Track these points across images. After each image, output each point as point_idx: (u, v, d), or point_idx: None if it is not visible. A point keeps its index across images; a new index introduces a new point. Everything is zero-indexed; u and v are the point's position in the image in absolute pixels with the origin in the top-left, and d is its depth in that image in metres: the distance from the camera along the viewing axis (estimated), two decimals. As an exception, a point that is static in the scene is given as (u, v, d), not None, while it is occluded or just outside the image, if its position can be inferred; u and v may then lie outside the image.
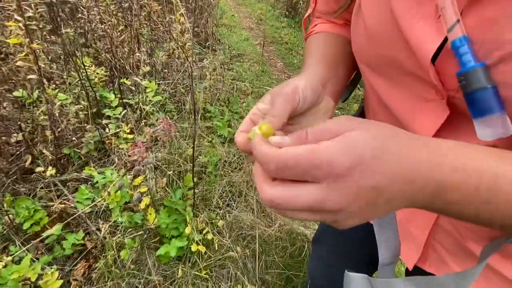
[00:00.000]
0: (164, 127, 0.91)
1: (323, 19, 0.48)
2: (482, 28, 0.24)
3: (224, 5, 5.91)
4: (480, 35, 0.24)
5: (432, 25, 0.26)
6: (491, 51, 0.23)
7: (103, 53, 1.60)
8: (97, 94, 1.44)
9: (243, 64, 3.30)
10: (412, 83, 0.31)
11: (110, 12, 1.53)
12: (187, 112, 1.55)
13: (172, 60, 1.83)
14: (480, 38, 0.24)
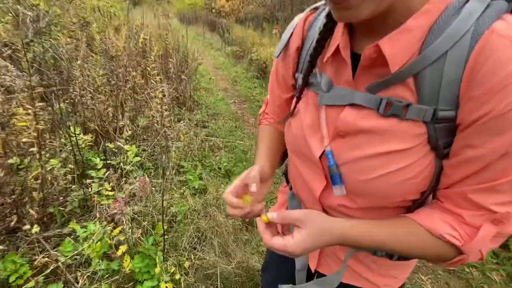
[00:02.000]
0: (140, 185, 1.15)
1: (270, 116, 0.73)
2: (336, 147, 0.49)
3: (203, 70, 6.65)
4: (335, 149, 0.49)
5: (319, 141, 0.51)
6: (339, 158, 0.49)
7: (90, 122, 1.88)
8: (84, 157, 1.68)
9: (217, 122, 3.70)
10: (311, 165, 0.54)
11: (100, 90, 1.87)
12: (164, 169, 1.80)
13: (152, 125, 2.14)
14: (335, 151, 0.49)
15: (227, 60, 8.08)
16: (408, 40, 0.38)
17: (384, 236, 0.46)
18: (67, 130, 1.67)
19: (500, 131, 0.35)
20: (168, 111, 2.59)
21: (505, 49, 0.33)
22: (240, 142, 3.18)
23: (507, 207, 0.39)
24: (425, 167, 0.43)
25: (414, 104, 0.40)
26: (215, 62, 7.89)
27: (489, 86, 0.34)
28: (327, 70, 0.49)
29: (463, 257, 0.44)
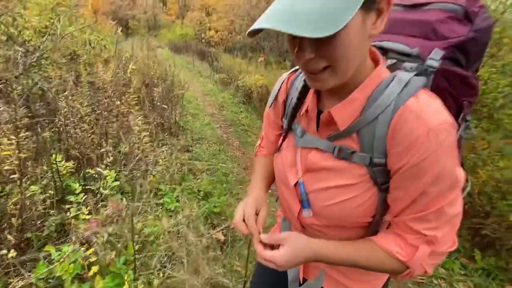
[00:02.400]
0: (113, 207, 1.24)
1: (264, 149, 0.89)
2: (306, 179, 0.63)
3: (191, 96, 6.90)
4: (306, 181, 0.63)
5: (295, 174, 0.66)
6: (308, 187, 0.63)
7: (73, 150, 1.99)
8: (64, 184, 1.76)
9: (202, 146, 3.84)
10: (290, 192, 0.68)
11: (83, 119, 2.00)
12: (141, 193, 1.89)
13: (133, 151, 2.25)
14: (306, 182, 0.63)
15: (215, 86, 8.41)
16: (352, 108, 0.54)
17: (350, 253, 0.58)
18: (49, 157, 1.77)
19: (417, 177, 0.50)
20: (150, 137, 2.72)
21: (413, 121, 0.48)
22: (223, 165, 3.31)
23: (434, 231, 0.52)
24: (368, 198, 0.57)
25: (357, 152, 0.55)
26: (203, 88, 8.20)
27: (404, 146, 0.49)
28: (302, 121, 0.66)
29: (410, 271, 0.57)
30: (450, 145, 0.49)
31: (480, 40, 0.59)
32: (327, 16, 0.40)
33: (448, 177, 0.50)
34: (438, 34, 0.59)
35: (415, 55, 0.58)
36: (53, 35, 3.82)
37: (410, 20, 0.64)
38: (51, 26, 3.82)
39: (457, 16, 0.59)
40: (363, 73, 0.53)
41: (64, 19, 4.37)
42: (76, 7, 8.76)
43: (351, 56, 0.47)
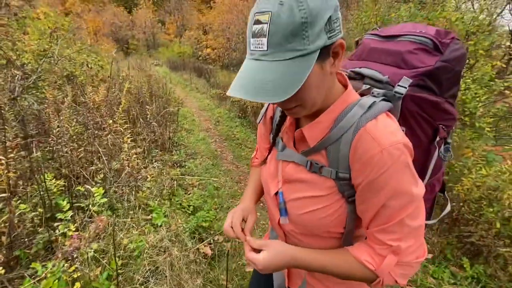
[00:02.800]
0: (97, 223, 1.28)
1: (258, 159, 0.96)
2: (285, 189, 0.69)
3: (187, 112, 7.03)
4: (284, 191, 0.69)
5: (276, 184, 0.72)
6: (286, 197, 0.69)
7: (64, 168, 2.05)
8: (53, 202, 1.81)
9: (195, 161, 3.89)
10: (272, 200, 0.74)
11: (73, 138, 2.07)
12: (130, 208, 1.93)
13: (123, 168, 2.31)
14: (284, 192, 0.69)
15: (211, 102, 8.56)
16: (319, 128, 0.61)
17: (325, 260, 0.64)
18: (40, 176, 1.83)
19: (375, 191, 0.56)
20: (143, 154, 2.78)
21: (369, 141, 0.54)
22: (215, 179, 3.34)
23: (398, 242, 0.57)
24: (337, 209, 0.62)
25: (325, 166, 0.61)
26: (200, 104, 8.35)
27: (361, 163, 0.55)
28: (284, 136, 0.73)
29: (380, 279, 0.61)
30: (404, 163, 0.54)
31: (450, 68, 0.65)
32: (284, 83, 0.49)
33: (405, 192, 0.55)
34: (407, 63, 0.67)
35: (385, 82, 0.66)
36: (50, 58, 3.98)
37: (384, 50, 0.73)
38: (49, 49, 3.99)
39: (427, 48, 0.66)
40: (332, 97, 0.61)
41: (62, 42, 4.55)
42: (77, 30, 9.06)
43: (314, 94, 0.55)
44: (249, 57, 0.53)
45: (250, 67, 0.52)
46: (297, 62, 0.49)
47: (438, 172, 0.75)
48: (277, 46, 0.48)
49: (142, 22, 24.74)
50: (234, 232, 0.73)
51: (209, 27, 18.07)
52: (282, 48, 0.48)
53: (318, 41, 0.49)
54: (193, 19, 22.41)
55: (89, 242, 1.50)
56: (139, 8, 26.13)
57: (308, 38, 0.48)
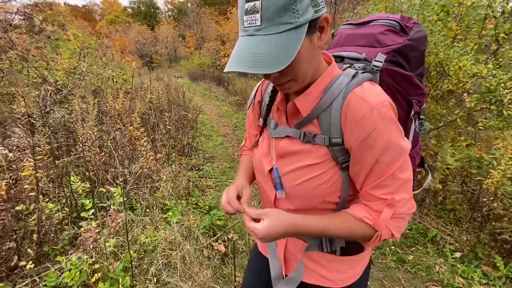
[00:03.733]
0: (112, 217, 1.37)
1: (247, 148, 1.00)
2: (279, 164, 0.71)
3: (206, 119, 7.24)
4: (279, 166, 0.71)
5: (269, 162, 0.74)
6: (281, 171, 0.71)
7: (89, 171, 2.21)
8: (79, 202, 1.95)
9: (213, 164, 3.98)
10: (265, 179, 0.76)
11: (95, 144, 2.23)
12: (147, 207, 2.03)
13: (143, 170, 2.43)
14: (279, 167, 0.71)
15: (230, 109, 8.74)
16: (311, 98, 0.65)
17: (326, 223, 0.65)
18: (69, 179, 1.99)
19: (368, 148, 0.59)
20: (161, 159, 2.92)
21: (359, 103, 0.58)
22: (231, 181, 3.40)
23: (392, 195, 0.61)
24: (332, 175, 0.65)
25: (318, 134, 0.64)
26: (219, 111, 8.55)
27: (353, 124, 0.59)
28: (274, 116, 0.76)
29: (378, 234, 0.64)
30: (391, 119, 0.59)
31: (416, 47, 0.73)
32: (279, 54, 0.52)
33: (395, 145, 0.59)
34: (380, 42, 0.75)
35: (363, 59, 0.73)
36: (79, 74, 4.34)
37: (359, 34, 0.81)
38: (78, 67, 4.35)
39: (395, 29, 0.76)
40: (319, 72, 0.65)
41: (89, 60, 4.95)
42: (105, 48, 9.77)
43: (305, 67, 0.59)
44: (243, 34, 0.57)
45: (245, 43, 0.55)
46: (290, 34, 0.52)
47: (416, 145, 0.81)
48: (270, 21, 0.52)
49: (164, 38, 26.05)
50: (232, 206, 0.74)
51: (226, 37, 18.58)
52: (274, 22, 0.52)
53: (307, 15, 0.53)
54: (211, 31, 23.17)
55: (108, 237, 1.60)
56: (161, 24, 27.59)
57: (297, 11, 0.52)
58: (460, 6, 2.42)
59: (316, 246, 0.75)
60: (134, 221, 1.83)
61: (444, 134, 2.74)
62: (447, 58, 2.31)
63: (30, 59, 3.75)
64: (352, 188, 0.68)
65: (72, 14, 18.09)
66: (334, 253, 0.75)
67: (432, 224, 2.59)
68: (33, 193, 1.50)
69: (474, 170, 2.58)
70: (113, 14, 34.21)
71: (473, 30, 2.60)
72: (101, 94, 4.32)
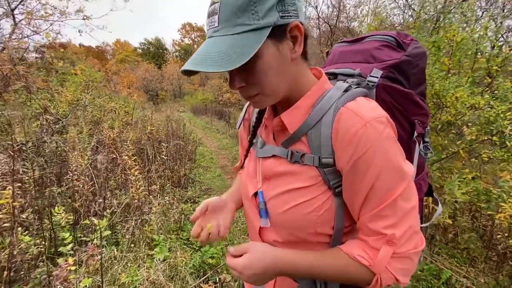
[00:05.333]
0: (88, 252, 1.24)
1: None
2: (265, 188, 0.63)
3: (206, 151, 7.21)
4: (264, 190, 0.63)
5: (255, 185, 0.66)
6: (267, 195, 0.62)
7: (75, 202, 2.09)
8: (56, 235, 1.81)
9: (209, 196, 3.83)
10: (250, 204, 0.69)
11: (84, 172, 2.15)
12: (132, 242, 1.87)
13: (133, 202, 2.31)
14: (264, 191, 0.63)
15: (230, 141, 8.76)
16: (298, 113, 0.59)
17: (312, 261, 0.56)
18: (50, 210, 1.87)
19: (363, 170, 0.51)
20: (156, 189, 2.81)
21: (351, 118, 0.52)
22: (227, 215, 3.22)
23: (393, 229, 0.52)
24: (324, 202, 0.56)
25: (307, 153, 0.57)
26: (219, 143, 8.57)
27: (346, 141, 0.52)
28: (262, 134, 0.70)
29: (377, 277, 0.54)
30: (389, 136, 0.52)
31: (415, 63, 0.69)
32: (232, 55, 0.48)
33: (394, 168, 0.51)
34: (376, 58, 0.70)
35: (357, 74, 0.67)
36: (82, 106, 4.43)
37: (353, 50, 0.77)
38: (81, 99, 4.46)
39: (391, 45, 0.72)
40: (305, 87, 0.60)
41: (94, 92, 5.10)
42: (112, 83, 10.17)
43: (274, 79, 0.53)
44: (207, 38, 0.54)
45: (203, 46, 0.52)
46: (246, 36, 0.49)
47: (422, 171, 0.73)
48: (227, 22, 0.49)
49: (170, 75, 27.37)
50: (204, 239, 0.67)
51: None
52: (231, 23, 0.49)
53: (268, 18, 0.49)
54: (215, 69, 24.34)
55: (83, 276, 1.44)
56: (168, 63, 29.21)
57: (257, 13, 0.49)
58: (450, 42, 2.50)
59: None
60: (116, 257, 1.67)
61: (448, 166, 2.65)
62: (443, 89, 2.32)
63: (34, 90, 3.85)
64: (348, 218, 0.58)
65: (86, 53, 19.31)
66: None
67: (445, 265, 2.37)
68: (8, 223, 1.39)
69: (483, 204, 2.44)
70: (123, 53, 36.50)
71: (466, 64, 2.67)
72: (101, 125, 4.36)
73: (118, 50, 40.71)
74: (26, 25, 4.92)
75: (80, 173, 2.15)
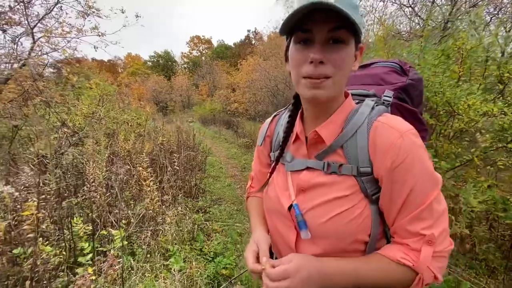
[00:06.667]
0: (109, 262, 1.28)
1: (255, 190, 0.93)
2: (300, 200, 0.65)
3: (215, 161, 7.28)
4: (300, 202, 0.65)
5: (288, 198, 0.68)
6: (303, 207, 0.64)
7: (93, 213, 2.15)
8: (75, 245, 1.86)
9: (220, 206, 3.85)
10: (283, 219, 0.70)
11: (102, 184, 2.22)
12: (148, 253, 1.90)
13: (147, 213, 2.36)
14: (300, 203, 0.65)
15: (238, 150, 8.83)
16: (333, 127, 0.64)
17: (356, 267, 0.58)
18: (70, 220, 1.94)
19: (401, 177, 0.56)
20: (168, 200, 2.85)
21: (387, 130, 0.58)
22: (238, 225, 3.23)
23: (431, 229, 0.56)
24: (363, 209, 0.59)
25: (344, 164, 0.61)
26: (227, 153, 8.64)
27: (384, 150, 0.57)
28: (290, 148, 0.73)
29: (420, 276, 0.57)
30: (422, 145, 0.57)
31: (416, 86, 0.79)
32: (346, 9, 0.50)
33: (429, 174, 0.56)
34: (386, 81, 0.80)
35: (372, 94, 0.75)
36: (97, 119, 4.58)
37: (364, 74, 0.86)
38: (96, 112, 4.62)
39: (396, 70, 0.83)
40: (339, 102, 0.65)
41: (108, 106, 5.26)
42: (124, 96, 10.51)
43: (345, 71, 0.59)
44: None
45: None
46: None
47: None
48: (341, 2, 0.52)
49: (179, 87, 27.93)
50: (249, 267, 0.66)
51: (236, 85, 19.76)
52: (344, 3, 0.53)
53: (362, 24, 0.57)
54: (223, 80, 24.78)
55: (103, 286, 1.47)
56: (177, 75, 29.87)
57: (359, 15, 0.58)
58: (459, 50, 2.51)
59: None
60: (133, 268, 1.70)
61: (462, 174, 2.60)
62: (454, 97, 2.32)
63: (53, 105, 4.02)
64: (381, 224, 0.62)
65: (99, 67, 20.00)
66: None
67: (464, 276, 2.30)
68: (32, 234, 1.45)
69: (500, 213, 2.37)
70: (134, 67, 37.58)
71: (476, 72, 2.66)
72: (115, 137, 4.48)
73: (129, 64, 41.94)
74: (45, 42, 5.17)
75: (98, 184, 2.21)
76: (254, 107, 14.69)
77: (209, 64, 28.15)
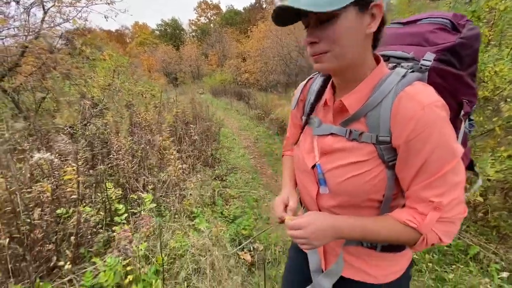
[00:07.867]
0: (145, 222, 1.42)
1: (290, 148, 1.01)
2: (323, 161, 0.71)
3: (228, 132, 7.38)
4: (322, 163, 0.71)
5: (312, 159, 0.74)
6: (324, 168, 0.70)
7: (122, 179, 2.32)
8: (112, 207, 2.05)
9: (236, 175, 4.01)
10: (308, 175, 0.77)
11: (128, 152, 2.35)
12: (175, 214, 2.07)
13: (170, 179, 2.51)
14: (322, 164, 0.71)
15: (251, 122, 8.86)
16: (358, 96, 0.66)
17: (366, 221, 0.65)
18: (103, 186, 2.10)
19: (419, 147, 0.58)
20: (187, 168, 3.00)
21: (410, 101, 0.58)
22: (254, 192, 3.39)
23: (440, 198, 0.59)
24: (378, 173, 0.64)
25: (365, 132, 0.64)
26: (240, 124, 8.70)
27: (404, 122, 0.58)
28: (319, 114, 0.78)
29: (423, 238, 0.62)
30: (445, 119, 0.57)
31: (469, 45, 0.70)
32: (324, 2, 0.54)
33: (446, 147, 0.57)
34: (429, 41, 0.73)
35: (410, 57, 0.71)
36: (113, 90, 4.66)
37: (406, 33, 0.79)
38: (112, 84, 4.68)
39: (446, 28, 0.73)
40: (367, 70, 0.65)
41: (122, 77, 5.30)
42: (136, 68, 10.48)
43: (346, 42, 0.59)
44: None
45: None
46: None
47: (465, 147, 0.76)
48: None
49: (188, 57, 27.37)
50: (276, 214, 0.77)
51: (247, 54, 19.16)
52: None
53: None
54: (233, 49, 24.01)
55: (140, 241, 1.65)
56: (185, 44, 29.11)
57: None
58: (491, 11, 2.34)
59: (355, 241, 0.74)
60: (164, 227, 1.87)
61: (480, 144, 2.58)
62: (481, 63, 2.22)
63: (72, 77, 4.10)
64: (396, 187, 0.66)
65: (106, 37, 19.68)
66: (375, 249, 0.73)
67: (474, 241, 2.39)
68: (75, 196, 1.60)
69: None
70: (142, 36, 36.72)
71: (508, 35, 2.49)
72: (132, 108, 4.59)
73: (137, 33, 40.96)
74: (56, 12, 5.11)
75: (124, 153, 2.35)
76: (265, 77, 14.33)
77: (218, 32, 27.13)
